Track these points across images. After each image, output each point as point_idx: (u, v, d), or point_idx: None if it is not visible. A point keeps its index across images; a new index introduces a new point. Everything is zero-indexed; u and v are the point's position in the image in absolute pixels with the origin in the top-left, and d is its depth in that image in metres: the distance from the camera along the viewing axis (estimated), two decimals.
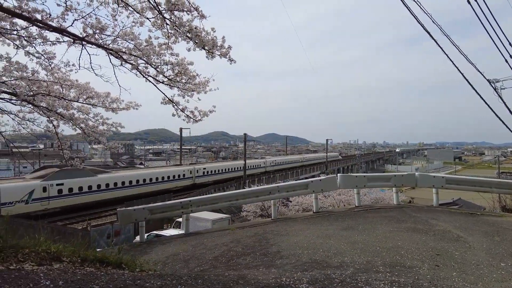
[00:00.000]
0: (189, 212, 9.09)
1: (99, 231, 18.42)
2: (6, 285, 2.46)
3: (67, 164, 7.79)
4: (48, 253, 3.43)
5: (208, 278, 3.54)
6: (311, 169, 62.51)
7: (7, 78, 6.31)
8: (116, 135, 7.66)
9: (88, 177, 25.84)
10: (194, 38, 4.66)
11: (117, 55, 5.38)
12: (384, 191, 19.03)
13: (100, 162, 65.45)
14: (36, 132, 7.63)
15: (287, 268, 4.48)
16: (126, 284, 2.96)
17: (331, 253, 5.09)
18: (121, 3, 4.86)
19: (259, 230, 7.42)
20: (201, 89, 5.99)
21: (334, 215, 8.19)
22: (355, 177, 9.19)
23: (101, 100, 6.85)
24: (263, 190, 9.15)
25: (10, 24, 5.47)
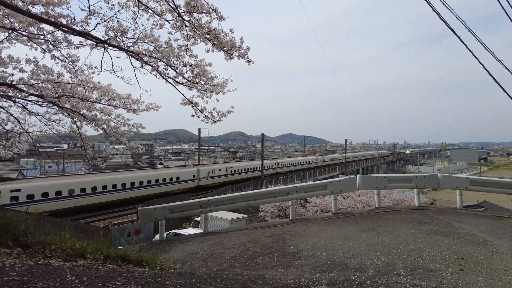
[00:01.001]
0: (207, 212, 9.17)
1: (120, 229, 18.85)
2: (35, 279, 2.56)
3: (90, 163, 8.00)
4: (73, 249, 3.54)
5: (227, 278, 3.57)
6: (330, 170, 61.85)
7: (35, 81, 6.57)
8: (136, 135, 7.83)
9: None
10: (213, 39, 4.71)
11: (137, 57, 5.50)
12: (404, 193, 18.62)
13: (121, 162, 67.06)
14: (61, 132, 7.91)
15: (305, 269, 4.45)
16: (147, 281, 3.02)
17: (351, 254, 5.02)
18: (141, 6, 4.97)
19: (277, 231, 7.41)
20: (219, 90, 6.05)
21: (354, 217, 8.07)
22: (375, 178, 9.02)
23: (122, 101, 7.02)
24: (280, 190, 9.12)
25: (38, 29, 5.70)
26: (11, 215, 3.52)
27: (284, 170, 52.45)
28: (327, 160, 70.58)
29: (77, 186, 24.33)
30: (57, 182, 23.91)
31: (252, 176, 43.00)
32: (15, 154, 8.06)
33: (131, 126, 7.38)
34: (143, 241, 15.35)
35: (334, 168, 64.90)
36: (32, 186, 22.47)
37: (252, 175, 43.23)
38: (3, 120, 7.34)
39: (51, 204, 22.63)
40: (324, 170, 59.83)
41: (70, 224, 13.39)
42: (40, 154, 51.11)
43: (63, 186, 23.66)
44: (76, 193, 24.16)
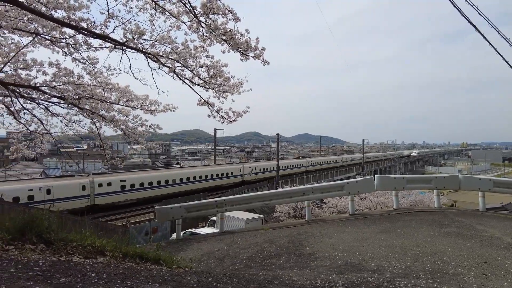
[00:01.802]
0: (223, 211, 9.23)
1: (138, 228, 19.19)
2: (58, 275, 2.64)
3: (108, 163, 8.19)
4: (93, 247, 3.63)
5: (243, 277, 3.58)
6: (347, 170, 61.15)
7: (56, 83, 6.77)
8: (154, 136, 7.95)
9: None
10: (229, 40, 4.73)
11: (155, 58, 5.58)
12: (424, 194, 18.20)
13: (139, 162, 68.28)
14: (81, 133, 8.11)
15: (321, 270, 4.42)
16: (164, 279, 3.07)
17: (368, 256, 4.94)
18: (158, 8, 5.04)
19: (292, 231, 7.38)
20: (235, 90, 6.08)
21: (371, 218, 7.95)
22: (393, 178, 8.86)
23: (140, 102, 7.14)
24: (296, 191, 9.08)
25: (60, 33, 5.87)
26: (35, 212, 3.63)
27: (313, 168, 54.84)
28: (350, 159, 73.11)
29: (161, 179, 29.23)
30: (147, 175, 28.94)
31: (287, 173, 46.28)
32: (38, 154, 8.32)
33: (148, 126, 7.50)
34: (160, 240, 15.57)
35: (352, 168, 64.17)
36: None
37: (286, 172, 46.39)
38: (27, 121, 7.59)
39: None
40: (340, 171, 59.22)
41: (90, 223, 13.73)
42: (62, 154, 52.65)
43: (152, 178, 28.62)
44: (157, 185, 28.73)
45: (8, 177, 30.30)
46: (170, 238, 15.78)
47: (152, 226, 19.58)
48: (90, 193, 23.87)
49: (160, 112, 7.24)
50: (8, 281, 2.35)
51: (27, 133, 7.80)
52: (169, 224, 19.49)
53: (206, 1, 4.47)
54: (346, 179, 9.71)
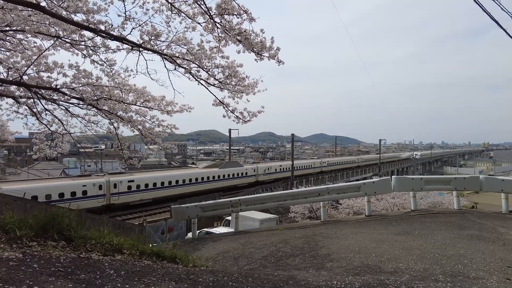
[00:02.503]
0: (238, 211, 9.26)
1: (154, 227, 19.48)
2: (78, 271, 2.71)
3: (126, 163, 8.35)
4: (111, 245, 3.70)
5: (258, 277, 3.58)
6: (363, 171, 60.36)
7: (76, 85, 6.96)
8: (170, 136, 8.06)
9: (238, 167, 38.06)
10: (244, 41, 4.74)
11: (171, 60, 5.66)
12: (442, 195, 17.77)
13: (155, 162, 69.29)
14: (99, 133, 8.31)
15: (337, 271, 4.37)
16: (180, 278, 3.10)
17: (385, 258, 4.86)
18: (174, 10, 5.10)
19: (308, 232, 7.33)
20: (250, 90, 6.09)
21: (388, 219, 7.82)
22: (411, 179, 8.69)
23: (156, 103, 7.25)
24: (312, 191, 9.02)
25: (79, 36, 6.03)
26: (56, 210, 3.74)
27: (328, 169, 54.96)
28: (367, 160, 72.30)
29: (179, 178, 30.47)
30: (166, 174, 30.58)
31: (301, 173, 46.42)
32: (59, 154, 8.56)
33: (165, 127, 7.61)
34: (176, 238, 15.76)
35: (368, 169, 63.31)
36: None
37: (301, 173, 46.56)
38: (48, 122, 7.83)
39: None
40: (356, 171, 58.52)
41: (108, 221, 14.03)
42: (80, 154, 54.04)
43: (170, 178, 30.05)
44: (175, 184, 29.94)
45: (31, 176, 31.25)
46: (186, 237, 15.95)
47: (168, 225, 19.84)
48: (106, 192, 24.78)
49: (177, 112, 7.34)
50: (32, 276, 2.43)
51: (48, 133, 8.04)
52: (185, 223, 19.70)
53: (221, 1, 4.49)
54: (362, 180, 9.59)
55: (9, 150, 61.22)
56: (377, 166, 66.10)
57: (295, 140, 47.04)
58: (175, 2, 4.99)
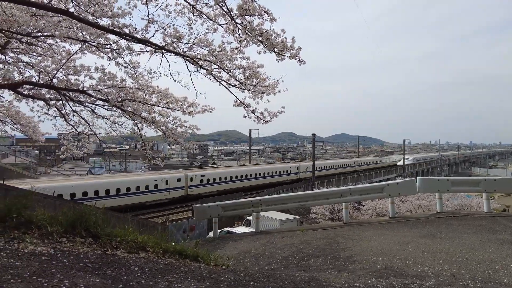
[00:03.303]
0: (259, 211, 9.27)
1: (177, 225, 19.80)
2: (105, 267, 2.80)
3: (149, 162, 8.56)
4: (136, 242, 3.80)
5: (280, 277, 3.57)
6: (386, 172, 59.04)
7: (101, 87, 7.18)
8: (192, 136, 8.19)
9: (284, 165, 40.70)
10: (265, 41, 4.75)
11: (193, 61, 5.74)
12: (470, 197, 17.09)
13: (178, 162, 70.47)
14: (123, 134, 8.54)
15: (360, 273, 4.30)
16: (202, 276, 3.14)
17: (409, 261, 4.74)
18: (196, 12, 5.17)
19: (329, 233, 7.25)
20: (270, 91, 6.09)
21: (412, 221, 7.61)
22: (437, 180, 8.41)
23: (179, 104, 7.37)
24: (334, 192, 8.91)
25: (105, 39, 6.22)
26: (83, 208, 3.88)
27: (362, 168, 56.89)
28: (397, 160, 71.97)
29: (238, 174, 34.12)
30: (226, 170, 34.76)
31: (338, 172, 49.35)
32: (85, 154, 8.85)
33: (187, 127, 7.73)
34: (197, 237, 15.96)
35: (391, 170, 61.86)
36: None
37: (338, 171, 49.65)
38: (75, 123, 8.11)
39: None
40: (380, 172, 57.35)
41: (132, 219, 14.39)
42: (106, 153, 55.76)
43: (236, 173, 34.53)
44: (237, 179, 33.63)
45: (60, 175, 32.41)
46: (207, 236, 16.12)
47: (190, 224, 20.12)
48: (185, 185, 28.62)
49: (198, 113, 7.44)
50: (62, 270, 2.54)
51: (75, 134, 8.33)
52: (206, 222, 19.92)
53: (242, 2, 4.52)
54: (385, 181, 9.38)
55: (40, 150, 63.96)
56: (401, 167, 64.47)
57: (316, 140, 46.79)
58: (196, 4, 5.07)
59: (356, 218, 14.32)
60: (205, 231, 20.07)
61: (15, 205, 3.48)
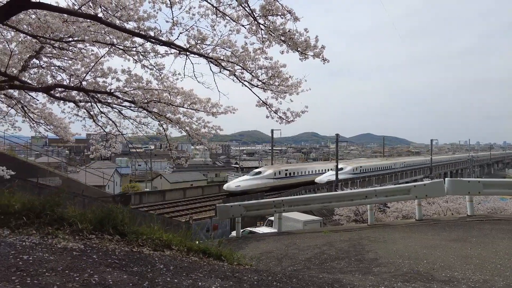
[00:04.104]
0: (281, 212, 9.25)
1: (200, 224, 20.10)
2: (131, 264, 2.89)
3: (174, 162, 8.73)
4: (161, 240, 3.89)
5: (303, 278, 3.55)
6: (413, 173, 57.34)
7: (128, 89, 7.39)
8: (215, 136, 8.27)
9: None
10: (288, 41, 4.73)
11: (216, 62, 5.80)
12: (505, 200, 16.27)
13: (201, 161, 71.44)
14: (149, 134, 8.75)
15: (385, 276, 4.20)
16: (226, 275, 3.17)
17: (437, 265, 4.58)
18: (219, 13, 5.22)
19: (353, 235, 7.12)
20: (293, 90, 6.06)
21: (441, 224, 7.35)
22: (467, 182, 8.08)
23: (202, 105, 7.47)
24: (358, 193, 8.75)
25: (131, 42, 6.39)
26: (111, 207, 4.01)
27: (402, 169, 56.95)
28: (436, 161, 71.35)
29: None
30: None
31: (388, 172, 51.66)
32: (112, 154, 9.13)
33: (210, 128, 7.81)
34: (220, 236, 16.13)
35: (418, 171, 59.96)
36: None
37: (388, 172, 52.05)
38: (103, 123, 8.39)
39: None
40: (406, 173, 55.75)
41: (157, 218, 14.71)
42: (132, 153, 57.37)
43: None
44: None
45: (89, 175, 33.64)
46: (230, 236, 16.24)
47: (213, 223, 20.36)
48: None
49: (221, 114, 7.50)
50: (92, 266, 2.64)
51: (103, 134, 8.61)
52: (229, 222, 20.09)
53: (265, 3, 4.52)
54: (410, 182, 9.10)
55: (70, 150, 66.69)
56: (428, 168, 62.43)
57: (340, 140, 46.04)
58: (220, 6, 5.11)
59: (381, 220, 13.99)
60: (227, 231, 20.26)
61: (48, 202, 3.65)
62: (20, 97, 8.04)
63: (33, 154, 35.55)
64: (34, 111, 8.77)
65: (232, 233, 15.52)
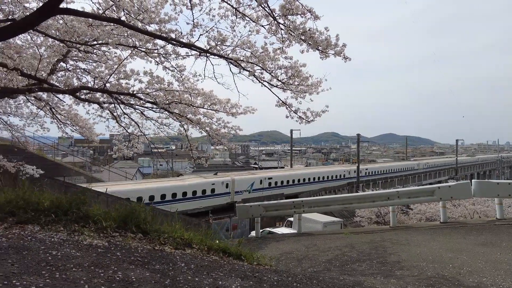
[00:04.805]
0: (301, 212, 9.18)
1: (220, 224, 20.25)
2: (154, 262, 2.94)
3: (195, 162, 8.85)
4: (182, 239, 3.95)
5: (323, 280, 3.51)
6: (437, 174, 55.67)
7: (150, 90, 7.54)
8: (234, 137, 8.32)
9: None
10: (308, 39, 4.69)
11: (236, 63, 5.82)
12: None
13: (221, 162, 72.04)
14: (170, 134, 8.90)
15: (408, 280, 4.09)
16: (246, 275, 3.18)
17: (464, 270, 4.42)
18: (239, 14, 5.24)
19: (375, 237, 6.99)
20: (313, 90, 6.00)
21: (467, 227, 7.09)
22: (496, 184, 7.76)
23: (222, 106, 7.52)
24: (380, 195, 8.57)
25: (153, 44, 6.52)
26: (134, 205, 4.10)
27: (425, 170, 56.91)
28: (468, 162, 70.71)
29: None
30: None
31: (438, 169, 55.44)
32: (135, 154, 9.34)
33: (230, 128, 7.86)
34: (239, 236, 16.20)
35: (443, 172, 58.12)
36: None
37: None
38: (126, 124, 8.60)
39: None
40: (430, 174, 54.20)
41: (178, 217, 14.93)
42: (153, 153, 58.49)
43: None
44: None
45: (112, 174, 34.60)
46: (249, 236, 16.28)
47: (233, 223, 20.48)
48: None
49: (241, 114, 7.53)
50: (116, 262, 2.71)
51: (126, 134, 8.83)
52: (248, 221, 20.15)
53: (285, 2, 4.50)
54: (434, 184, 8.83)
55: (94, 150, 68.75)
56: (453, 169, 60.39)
57: (361, 140, 45.04)
58: (239, 7, 5.13)
59: (403, 222, 13.65)
60: (247, 230, 20.31)
61: (75, 200, 3.78)
62: (49, 99, 8.36)
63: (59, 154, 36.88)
64: (61, 112, 9.10)
65: (252, 233, 15.54)
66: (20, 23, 4.44)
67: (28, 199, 3.68)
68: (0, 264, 2.38)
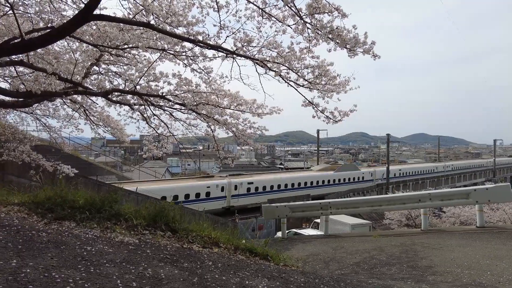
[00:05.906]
0: (328, 214, 9.05)
1: (246, 224, 20.36)
2: (182, 260, 3.01)
3: (221, 162, 8.96)
4: (209, 238, 4.01)
5: (351, 283, 3.44)
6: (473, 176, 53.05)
7: (178, 92, 7.71)
8: (260, 137, 8.35)
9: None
10: (336, 38, 4.62)
11: (262, 64, 5.83)
12: None
13: (246, 162, 72.45)
14: (198, 135, 9.06)
15: (442, 286, 3.92)
16: (272, 275, 3.17)
17: (504, 278, 4.17)
18: (265, 15, 5.24)
19: (406, 241, 6.76)
20: (341, 89, 5.90)
21: (507, 233, 6.70)
22: None
23: (248, 106, 7.57)
24: (411, 197, 8.28)
25: (181, 47, 6.67)
26: (164, 204, 4.21)
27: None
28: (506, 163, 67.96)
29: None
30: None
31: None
32: (164, 154, 9.59)
33: (256, 128, 7.89)
34: (265, 236, 16.20)
35: (479, 174, 55.29)
36: None
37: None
38: (156, 125, 8.84)
39: None
40: (465, 176, 51.71)
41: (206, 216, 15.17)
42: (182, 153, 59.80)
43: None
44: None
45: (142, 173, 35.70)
46: (275, 236, 16.24)
47: (258, 223, 20.53)
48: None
49: (266, 114, 7.54)
50: (146, 260, 2.79)
51: (155, 135, 9.08)
52: (274, 222, 20.12)
53: (311, 1, 4.46)
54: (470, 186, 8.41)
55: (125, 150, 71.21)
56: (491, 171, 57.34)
57: (391, 140, 43.42)
58: (265, 7, 5.14)
59: (436, 226, 13.12)
60: (273, 231, 20.29)
61: (107, 199, 3.93)
62: (83, 102, 8.76)
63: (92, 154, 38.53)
64: (94, 114, 9.50)
65: (278, 234, 15.51)
66: (59, 30, 4.67)
67: (65, 196, 3.88)
68: (41, 257, 2.52)
